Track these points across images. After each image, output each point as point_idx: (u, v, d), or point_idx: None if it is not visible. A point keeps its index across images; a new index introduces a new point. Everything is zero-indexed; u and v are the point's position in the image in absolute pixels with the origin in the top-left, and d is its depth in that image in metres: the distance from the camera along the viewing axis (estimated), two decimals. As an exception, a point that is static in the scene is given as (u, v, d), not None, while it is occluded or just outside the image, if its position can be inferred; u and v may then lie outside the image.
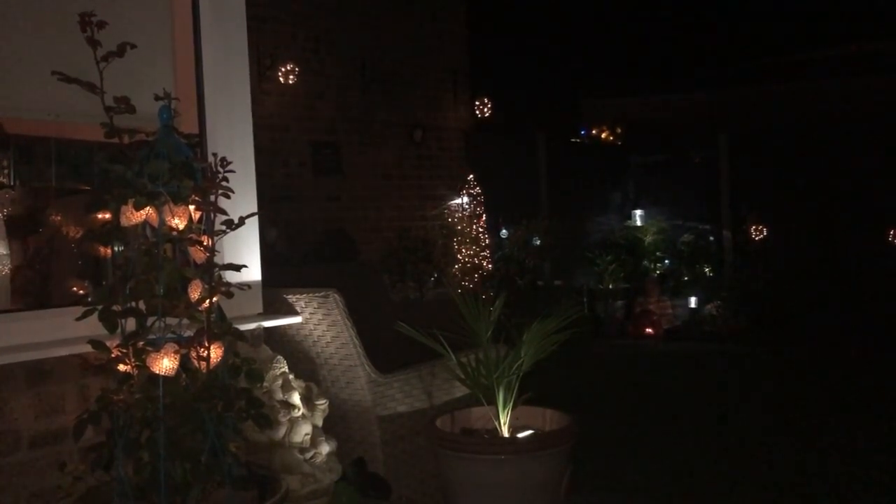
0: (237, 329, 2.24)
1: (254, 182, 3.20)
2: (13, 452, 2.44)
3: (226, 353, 2.18)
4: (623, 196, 10.09)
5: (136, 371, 2.11)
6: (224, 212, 2.19)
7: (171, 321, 2.15)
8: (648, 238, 9.55)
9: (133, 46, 2.18)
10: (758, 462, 4.29)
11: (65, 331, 2.52)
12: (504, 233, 8.68)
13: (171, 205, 2.11)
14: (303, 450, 2.88)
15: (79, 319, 2.15)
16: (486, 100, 8.69)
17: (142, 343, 2.11)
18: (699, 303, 9.04)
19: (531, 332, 3.07)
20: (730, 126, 9.70)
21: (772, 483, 3.94)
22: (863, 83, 10.37)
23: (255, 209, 3.03)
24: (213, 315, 2.16)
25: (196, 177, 2.17)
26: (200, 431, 2.10)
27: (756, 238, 9.08)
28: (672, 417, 5.28)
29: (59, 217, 3.43)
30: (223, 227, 2.20)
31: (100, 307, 2.13)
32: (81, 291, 3.29)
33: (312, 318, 3.36)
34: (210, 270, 2.16)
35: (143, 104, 2.23)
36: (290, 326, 3.42)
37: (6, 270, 3.04)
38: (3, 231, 3.11)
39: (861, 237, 8.46)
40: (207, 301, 2.12)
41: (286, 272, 5.11)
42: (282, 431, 2.82)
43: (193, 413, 2.10)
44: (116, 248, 2.26)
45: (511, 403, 3.05)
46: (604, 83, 12.28)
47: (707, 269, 9.22)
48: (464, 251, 7.86)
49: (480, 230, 8.01)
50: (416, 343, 3.17)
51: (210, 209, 2.17)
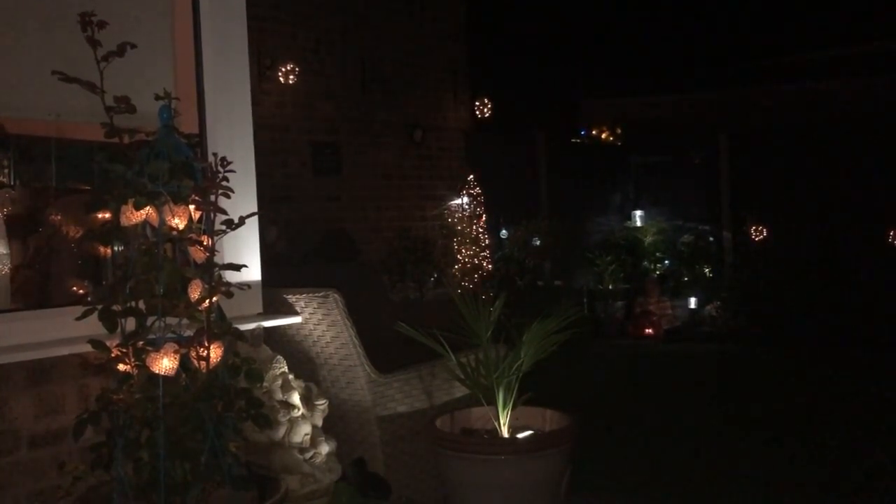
0: (237, 329, 2.24)
1: (254, 182, 3.20)
2: (13, 452, 2.44)
3: (225, 353, 2.18)
4: (623, 196, 10.09)
5: (136, 371, 2.11)
6: (224, 211, 2.19)
7: (171, 321, 2.15)
8: (648, 238, 9.55)
9: (133, 46, 2.19)
10: (758, 462, 4.29)
11: (65, 330, 2.52)
12: (504, 233, 8.68)
13: (171, 204, 2.11)
14: (302, 450, 2.88)
15: (79, 319, 2.15)
16: (486, 100, 8.69)
17: (142, 343, 2.12)
18: (699, 303, 9.04)
19: (531, 333, 3.08)
20: (730, 126, 9.70)
21: (772, 483, 3.94)
22: (863, 83, 10.36)
23: (255, 209, 3.03)
24: (213, 315, 2.16)
25: (196, 176, 2.17)
26: (200, 431, 2.10)
27: (756, 238, 9.08)
28: (672, 418, 5.28)
29: (59, 217, 3.42)
30: (223, 227, 2.20)
31: (100, 307, 2.13)
32: (81, 291, 3.29)
33: (312, 318, 3.36)
34: (210, 270, 2.16)
35: (144, 104, 2.23)
36: (290, 326, 3.42)
37: (6, 270, 3.04)
38: (4, 231, 3.10)
39: (861, 237, 8.46)
40: (207, 301, 2.13)
41: (286, 272, 5.11)
42: (281, 431, 2.82)
43: (193, 413, 2.10)
44: (116, 248, 2.27)
45: (511, 404, 3.05)
46: (604, 83, 12.26)
47: (707, 270, 9.22)
48: (464, 251, 7.86)
49: (480, 230, 8.01)
50: (416, 343, 3.17)
51: (210, 209, 2.17)
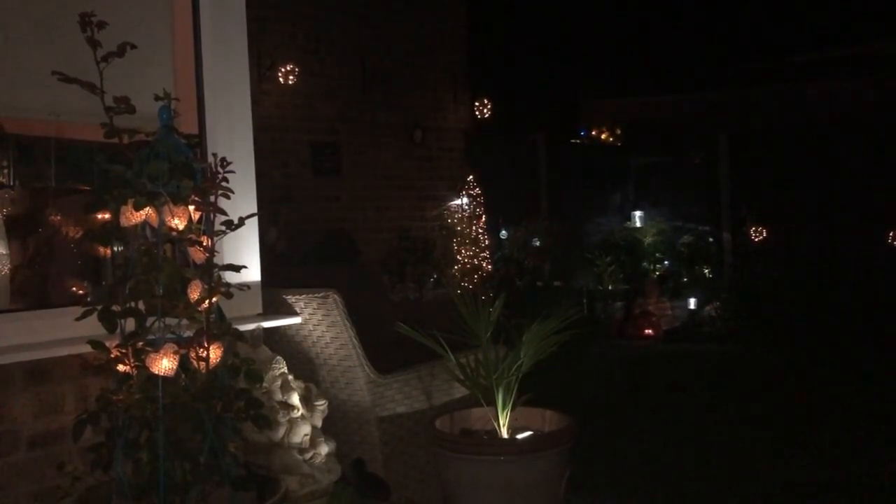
0: (236, 329, 2.24)
1: (253, 182, 3.20)
2: (12, 452, 2.44)
3: (225, 354, 2.18)
4: (622, 197, 10.09)
5: (136, 371, 2.11)
6: (224, 212, 2.19)
7: (171, 321, 2.15)
8: (648, 239, 9.55)
9: (133, 46, 2.19)
10: (758, 462, 4.29)
11: (64, 331, 2.52)
12: (504, 233, 8.68)
13: (171, 205, 2.11)
14: (302, 450, 2.88)
15: (78, 319, 2.16)
16: (486, 100, 8.69)
17: (141, 343, 2.12)
18: (698, 304, 9.03)
19: (530, 333, 3.08)
20: (730, 127, 9.70)
21: (772, 483, 3.94)
22: (863, 84, 10.37)
23: (255, 209, 3.03)
24: (213, 315, 2.16)
25: (196, 177, 2.17)
26: (200, 432, 2.10)
27: (755, 239, 9.08)
28: (671, 418, 5.27)
29: (59, 217, 3.42)
30: (223, 228, 2.20)
31: (99, 307, 2.13)
32: (81, 292, 3.29)
33: (312, 319, 3.36)
34: (210, 271, 2.16)
35: (143, 104, 2.23)
36: (290, 327, 3.42)
37: (6, 270, 3.04)
38: (3, 231, 3.10)
39: (861, 238, 8.46)
40: (207, 301, 2.13)
41: (286, 273, 5.11)
42: (281, 432, 2.82)
43: (193, 413, 2.10)
44: (116, 249, 2.26)
45: (510, 404, 3.05)
46: (603, 84, 12.28)
47: (706, 271, 9.22)
48: (463, 252, 7.86)
49: (480, 231, 8.01)
50: (416, 344, 3.17)
51: (210, 209, 2.17)
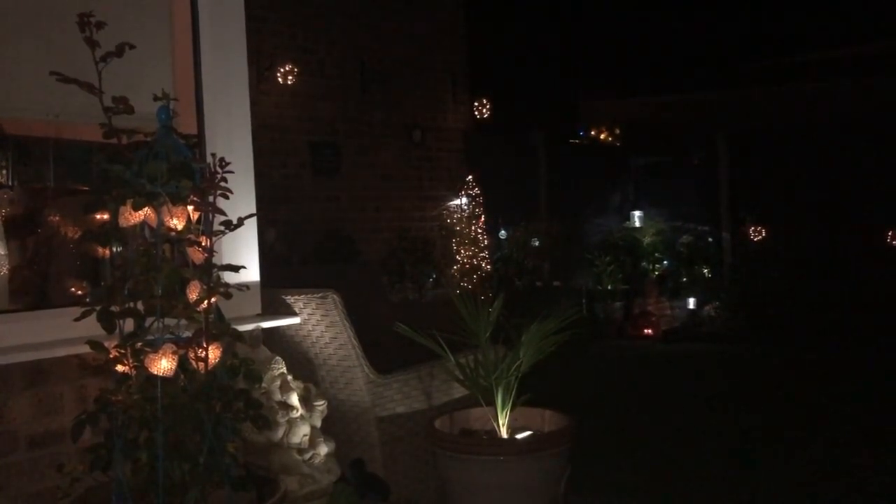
0: (235, 330, 2.24)
1: (252, 182, 3.20)
2: (11, 453, 2.44)
3: (224, 354, 2.18)
4: (622, 197, 10.09)
5: (135, 372, 2.10)
6: (223, 212, 2.19)
7: (170, 322, 2.15)
8: (647, 239, 9.55)
9: (132, 47, 2.18)
10: (757, 462, 4.29)
11: (63, 331, 2.51)
12: (503, 233, 8.68)
13: (170, 205, 2.11)
14: (301, 451, 2.87)
15: (77, 320, 2.15)
16: (486, 100, 8.69)
17: (140, 344, 2.11)
18: (698, 304, 9.03)
19: (530, 333, 3.08)
20: (729, 127, 9.70)
21: (772, 483, 3.94)
22: (862, 84, 10.38)
23: (254, 210, 3.02)
24: (212, 316, 2.16)
25: (195, 177, 2.17)
26: (199, 432, 2.10)
27: (755, 239, 9.09)
28: (671, 418, 5.28)
29: (58, 217, 3.42)
30: (222, 228, 2.20)
31: (98, 308, 2.13)
32: (80, 292, 3.28)
33: (311, 319, 3.36)
34: (209, 271, 2.16)
35: (142, 105, 2.22)
36: (289, 327, 3.42)
37: (5, 271, 3.04)
38: (2, 232, 3.10)
39: (860, 238, 8.46)
40: (206, 302, 2.12)
41: (285, 273, 5.11)
42: (280, 432, 2.82)
43: (192, 414, 2.10)
44: (115, 249, 2.26)
45: (510, 404, 3.05)
46: (603, 84, 12.28)
47: (706, 270, 9.22)
48: (463, 252, 7.86)
49: (479, 231, 8.01)
50: (415, 344, 3.17)
51: (209, 210, 2.17)
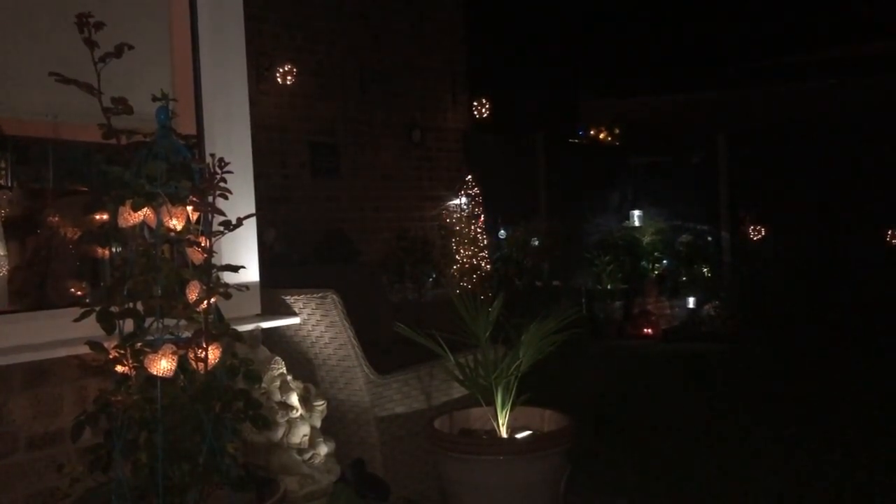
0: (235, 330, 2.24)
1: (252, 183, 3.20)
2: (11, 454, 2.44)
3: (224, 354, 2.18)
4: (621, 196, 10.09)
5: (134, 372, 2.10)
6: (222, 213, 2.19)
7: (169, 322, 2.15)
8: (647, 238, 9.55)
9: (131, 47, 2.19)
10: (757, 461, 4.29)
11: (63, 332, 2.52)
12: (502, 233, 8.68)
13: (169, 206, 2.11)
14: (301, 451, 2.87)
15: (77, 320, 2.15)
16: (485, 100, 8.69)
17: (140, 344, 2.11)
18: (697, 303, 9.03)
19: (529, 333, 3.07)
20: (729, 126, 9.70)
21: (772, 483, 3.94)
22: (862, 84, 10.37)
23: (254, 210, 3.03)
24: (212, 316, 2.16)
25: (194, 178, 2.17)
26: (198, 433, 2.10)
27: (754, 238, 9.09)
28: (670, 417, 5.28)
29: (57, 218, 3.42)
30: (221, 228, 2.20)
31: (98, 308, 2.13)
32: (79, 293, 3.28)
33: (311, 319, 3.36)
34: (208, 271, 2.16)
35: (141, 105, 2.22)
36: (289, 327, 3.42)
37: (4, 272, 3.04)
38: (1, 232, 3.10)
39: (860, 238, 8.46)
40: (205, 302, 2.12)
41: (284, 273, 5.11)
42: (280, 432, 2.82)
43: (191, 414, 2.10)
44: (114, 249, 2.26)
45: (509, 404, 3.05)
46: (603, 83, 12.28)
47: (705, 270, 9.22)
48: (462, 252, 7.86)
49: (479, 231, 8.01)
50: (415, 344, 3.17)
51: (208, 210, 2.17)
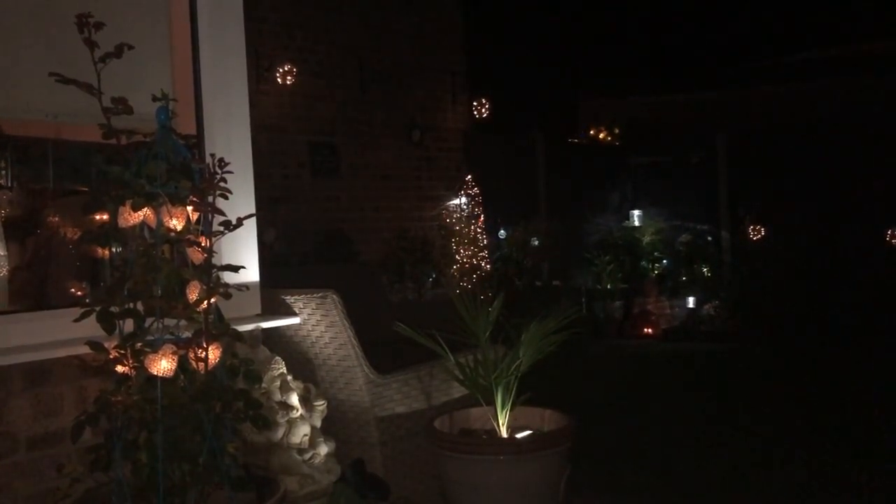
0: (235, 330, 2.24)
1: (252, 183, 3.20)
2: (11, 454, 2.44)
3: (224, 354, 2.18)
4: (621, 196, 10.09)
5: (135, 372, 2.10)
6: (222, 213, 2.19)
7: (170, 322, 2.15)
8: (647, 238, 9.55)
9: (131, 47, 2.19)
10: (757, 461, 4.29)
11: (63, 332, 2.52)
12: (502, 233, 8.68)
13: (169, 206, 2.11)
14: (301, 451, 2.87)
15: (77, 321, 2.15)
16: (485, 100, 8.69)
17: (140, 344, 2.11)
18: (697, 303, 9.03)
19: (529, 333, 3.08)
20: (728, 126, 9.70)
21: (772, 484, 3.94)
22: (862, 84, 10.36)
23: (254, 210, 3.03)
24: (212, 316, 2.16)
25: (194, 178, 2.17)
26: (199, 433, 2.10)
27: (754, 238, 9.09)
28: (670, 417, 5.28)
29: (57, 218, 3.42)
30: (221, 228, 2.20)
31: (98, 308, 2.13)
32: (79, 293, 3.28)
33: (311, 319, 3.36)
34: (208, 271, 2.16)
35: (141, 105, 2.22)
36: (289, 327, 3.42)
37: (4, 272, 3.04)
38: (1, 233, 3.10)
39: (860, 238, 8.46)
40: (206, 302, 2.12)
41: (284, 273, 5.12)
42: (280, 432, 2.82)
43: (191, 414, 2.10)
44: (114, 250, 2.26)
45: (509, 404, 3.05)
46: (602, 83, 12.28)
47: (705, 270, 9.22)
48: (462, 252, 7.86)
49: (479, 231, 8.01)
50: (415, 344, 3.17)
51: (208, 210, 2.17)
